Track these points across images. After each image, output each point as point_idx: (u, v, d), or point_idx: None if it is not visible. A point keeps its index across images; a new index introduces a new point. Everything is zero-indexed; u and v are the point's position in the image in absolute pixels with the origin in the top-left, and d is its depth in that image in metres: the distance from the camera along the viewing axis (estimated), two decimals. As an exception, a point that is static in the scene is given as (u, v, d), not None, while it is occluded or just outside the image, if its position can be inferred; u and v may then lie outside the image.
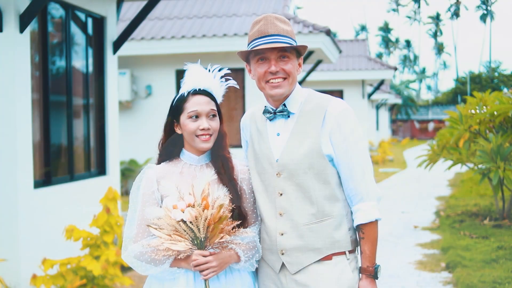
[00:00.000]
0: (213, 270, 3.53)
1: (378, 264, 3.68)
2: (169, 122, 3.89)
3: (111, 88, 10.69)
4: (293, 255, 3.66)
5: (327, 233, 3.64)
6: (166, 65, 19.39)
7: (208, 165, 3.80)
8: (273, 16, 3.71)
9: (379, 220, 3.66)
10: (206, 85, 3.80)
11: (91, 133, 10.28)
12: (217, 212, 3.42)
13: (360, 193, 3.64)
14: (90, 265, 6.96)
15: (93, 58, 10.36)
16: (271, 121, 3.79)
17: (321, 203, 3.63)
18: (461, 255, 10.03)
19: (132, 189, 3.82)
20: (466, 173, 25.19)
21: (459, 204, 16.21)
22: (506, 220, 12.97)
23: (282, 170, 3.67)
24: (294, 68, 3.70)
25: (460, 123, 13.25)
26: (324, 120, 3.65)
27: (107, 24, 10.53)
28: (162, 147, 3.91)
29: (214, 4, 20.32)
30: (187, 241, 3.47)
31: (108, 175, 10.57)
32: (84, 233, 7.21)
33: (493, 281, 8.56)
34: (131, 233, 3.75)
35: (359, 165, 3.64)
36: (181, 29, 18.96)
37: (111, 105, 10.67)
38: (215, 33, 18.46)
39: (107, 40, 10.54)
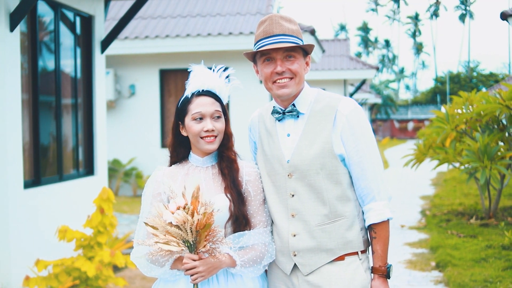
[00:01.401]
0: (201, 275, 3.49)
1: (390, 264, 3.66)
2: (175, 124, 3.83)
3: (99, 88, 10.62)
4: (306, 256, 3.63)
5: (339, 233, 3.62)
6: (150, 65, 19.33)
7: (214, 167, 3.77)
8: (279, 15, 3.67)
9: (390, 219, 3.65)
10: (210, 86, 3.76)
11: (79, 133, 10.21)
12: (202, 219, 3.37)
13: (372, 193, 3.62)
14: (84, 266, 6.90)
15: (81, 57, 10.28)
16: (280, 122, 3.76)
17: (333, 204, 3.61)
18: (451, 254, 10.05)
19: (144, 191, 3.81)
20: (448, 172, 25.33)
21: (444, 203, 16.27)
22: (492, 219, 13.03)
23: (293, 171, 3.65)
24: (301, 67, 3.68)
25: (447, 123, 13.28)
26: (335, 120, 3.63)
27: (95, 23, 10.46)
28: (171, 149, 3.87)
29: (198, 3, 20.27)
30: (180, 241, 3.43)
31: (97, 175, 10.51)
32: (77, 234, 7.15)
33: (484, 280, 8.58)
34: (140, 234, 3.72)
35: (370, 164, 3.62)
36: (165, 28, 18.90)
37: (99, 104, 10.60)
38: (199, 33, 18.44)
39: (95, 39, 10.47)
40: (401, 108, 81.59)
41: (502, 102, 12.26)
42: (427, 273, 9.45)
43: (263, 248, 3.67)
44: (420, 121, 71.07)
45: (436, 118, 13.69)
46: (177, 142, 3.83)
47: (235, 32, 18.25)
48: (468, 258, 9.83)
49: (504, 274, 8.80)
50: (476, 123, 13.27)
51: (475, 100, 13.32)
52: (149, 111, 19.39)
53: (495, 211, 13.33)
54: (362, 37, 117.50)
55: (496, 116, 12.84)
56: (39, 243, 8.39)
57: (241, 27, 18.51)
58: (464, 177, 21.35)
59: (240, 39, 18.21)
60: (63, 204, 9.21)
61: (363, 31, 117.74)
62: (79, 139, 10.22)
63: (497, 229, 12.00)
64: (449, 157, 13.43)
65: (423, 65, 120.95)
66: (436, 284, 8.83)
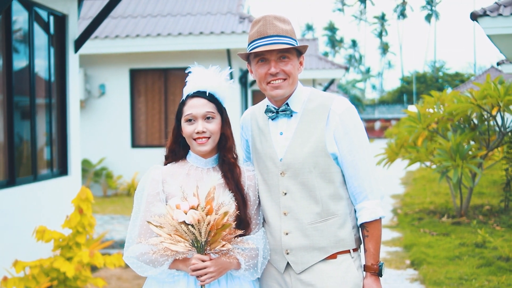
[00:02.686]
0: (211, 276, 3.48)
1: (382, 262, 3.69)
2: (176, 125, 3.82)
3: (73, 87, 10.54)
4: (298, 254, 3.64)
5: (331, 232, 3.63)
6: (120, 64, 19.26)
7: (215, 169, 3.75)
8: (272, 15, 3.67)
9: (382, 218, 3.68)
10: (206, 87, 3.73)
11: (53, 133, 10.12)
12: (221, 218, 3.37)
13: (364, 191, 3.65)
14: (63, 267, 6.84)
15: (54, 57, 10.19)
16: (273, 120, 3.77)
17: (326, 202, 3.63)
18: (425, 252, 10.13)
19: (137, 189, 3.77)
20: (417, 171, 25.53)
21: (415, 202, 16.38)
22: (464, 217, 13.15)
23: (286, 169, 3.66)
24: (295, 68, 3.69)
25: (419, 122, 13.38)
26: (328, 119, 3.65)
27: (68, 23, 10.38)
28: (170, 149, 3.85)
29: (168, 3, 20.24)
30: (187, 242, 3.41)
31: (70, 175, 10.42)
32: (56, 234, 7.09)
33: (460, 278, 8.67)
34: (133, 234, 3.70)
35: (363, 163, 3.65)
36: (136, 28, 18.84)
37: (72, 104, 10.51)
38: (170, 32, 18.41)
39: (69, 39, 10.39)
40: (368, 108, 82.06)
41: (474, 101, 12.38)
42: (402, 271, 9.52)
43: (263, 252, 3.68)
44: (387, 121, 71.53)
45: (408, 118, 13.79)
46: (176, 143, 3.82)
47: (206, 32, 18.24)
48: (442, 256, 9.91)
49: (479, 272, 8.89)
50: (447, 122, 13.39)
51: (446, 99, 13.44)
52: (119, 111, 19.31)
53: (466, 210, 13.46)
54: (329, 37, 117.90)
55: (467, 115, 12.96)
56: (16, 244, 8.31)
57: (212, 27, 18.50)
58: (433, 176, 21.53)
59: (211, 38, 18.20)
60: (38, 205, 9.13)
61: (329, 31, 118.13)
62: (53, 139, 10.14)
63: (469, 227, 12.12)
64: (421, 156, 13.54)
65: (389, 65, 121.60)
66: (412, 282, 8.89)
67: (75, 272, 6.93)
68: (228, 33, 18.11)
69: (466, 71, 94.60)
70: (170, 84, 19.32)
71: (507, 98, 11.95)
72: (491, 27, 15.22)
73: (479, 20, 15.14)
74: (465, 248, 10.31)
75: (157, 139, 19.41)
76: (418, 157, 13.62)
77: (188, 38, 18.30)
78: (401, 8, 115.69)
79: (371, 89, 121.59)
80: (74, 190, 10.25)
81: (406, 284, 8.80)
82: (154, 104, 19.45)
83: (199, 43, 18.34)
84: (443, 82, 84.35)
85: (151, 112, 19.45)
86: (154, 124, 19.45)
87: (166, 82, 19.32)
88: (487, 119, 13.12)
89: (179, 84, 19.30)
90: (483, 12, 15.13)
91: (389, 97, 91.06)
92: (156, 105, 19.43)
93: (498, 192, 16.96)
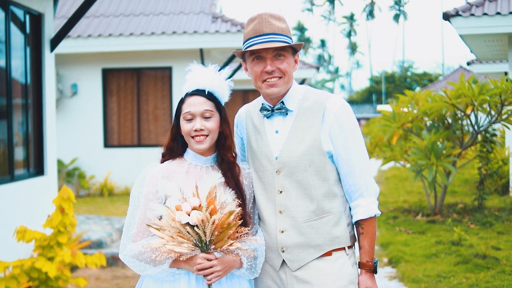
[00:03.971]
0: (218, 274, 3.49)
1: (377, 259, 3.72)
2: (174, 123, 3.81)
3: (49, 87, 10.45)
4: (294, 252, 3.66)
5: (327, 229, 3.65)
6: (93, 64, 19.16)
7: (214, 167, 3.75)
8: (268, 13, 3.68)
9: (377, 215, 3.70)
10: (205, 85, 3.73)
11: (29, 133, 10.04)
12: (225, 217, 3.37)
13: (359, 189, 3.67)
14: (45, 267, 6.79)
15: (30, 56, 10.11)
16: (269, 119, 3.77)
17: (321, 200, 3.64)
18: (402, 251, 10.19)
19: (133, 187, 3.76)
20: (389, 170, 25.66)
21: (389, 201, 16.46)
22: (438, 215, 13.24)
23: (281, 168, 3.67)
24: (290, 66, 3.69)
25: (393, 121, 13.46)
26: (324, 117, 3.67)
27: (44, 21, 10.29)
28: (166, 147, 3.83)
29: (141, 2, 20.17)
30: (190, 243, 3.40)
31: (47, 175, 10.34)
32: (37, 234, 7.03)
33: (438, 275, 8.73)
34: (131, 232, 3.68)
35: (358, 161, 3.67)
36: (108, 27, 18.75)
37: (48, 104, 10.43)
38: (143, 31, 18.35)
39: (45, 38, 10.31)
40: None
41: (448, 100, 12.48)
42: (380, 269, 9.56)
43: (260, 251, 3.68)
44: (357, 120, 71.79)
45: (383, 117, 13.86)
46: (175, 141, 3.80)
47: (179, 31, 18.21)
48: (419, 254, 9.98)
49: (456, 269, 8.96)
50: (422, 121, 13.48)
51: (420, 98, 13.53)
52: (92, 111, 19.21)
53: (440, 208, 13.56)
54: (299, 37, 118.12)
55: (442, 114, 13.06)
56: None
57: (185, 26, 18.47)
58: (405, 174, 21.69)
59: (184, 38, 18.18)
60: (16, 205, 9.05)
61: (299, 31, 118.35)
62: (29, 139, 10.05)
63: (444, 225, 12.21)
64: (396, 155, 13.62)
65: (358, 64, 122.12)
66: (391, 280, 8.94)
67: (57, 272, 6.88)
68: (201, 32, 18.11)
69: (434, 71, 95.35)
70: (143, 84, 19.26)
71: (481, 97, 12.06)
72: (463, 27, 15.38)
73: (452, 20, 15.29)
74: (441, 246, 10.38)
75: (129, 139, 19.34)
76: (393, 156, 13.70)
77: (161, 37, 18.26)
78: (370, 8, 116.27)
79: (340, 89, 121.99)
80: (50, 190, 10.20)
81: (385, 282, 8.85)
82: (127, 104, 19.38)
83: (172, 42, 18.31)
84: (411, 81, 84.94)
85: (124, 112, 19.37)
86: (127, 124, 19.38)
87: (139, 81, 19.26)
88: (460, 118, 13.23)
89: (152, 83, 19.26)
90: (456, 12, 15.29)
91: (358, 97, 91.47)
92: (129, 105, 19.36)
93: (470, 191, 17.12)
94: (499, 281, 8.27)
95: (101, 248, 10.17)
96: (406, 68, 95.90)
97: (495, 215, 12.87)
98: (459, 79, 12.80)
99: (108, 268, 9.76)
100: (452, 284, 8.32)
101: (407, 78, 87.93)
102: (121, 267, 9.81)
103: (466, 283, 8.28)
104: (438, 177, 12.83)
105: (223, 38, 18.18)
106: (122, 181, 18.94)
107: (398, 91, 76.26)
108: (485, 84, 12.27)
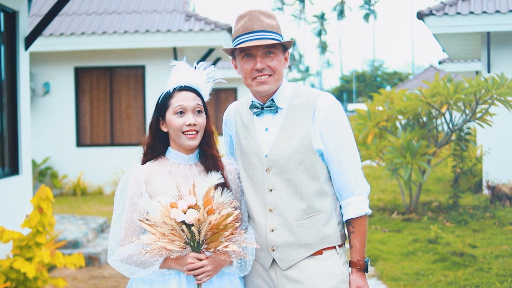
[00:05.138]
0: (208, 274, 3.44)
1: (368, 258, 3.70)
2: (155, 120, 3.72)
3: (24, 85, 10.33)
4: (284, 251, 3.62)
5: (317, 228, 3.62)
6: (65, 62, 19.02)
7: (197, 164, 3.70)
8: (258, 10, 3.65)
9: (368, 214, 3.68)
10: (192, 82, 3.69)
11: (4, 132, 9.91)
12: (223, 219, 3.32)
13: (350, 188, 3.64)
14: (24, 267, 6.70)
15: (4, 54, 9.98)
16: (258, 116, 3.73)
17: (311, 199, 3.61)
18: (379, 249, 10.22)
19: (117, 191, 3.68)
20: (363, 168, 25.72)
21: (363, 199, 16.47)
22: (413, 213, 13.29)
23: (271, 166, 3.63)
24: (280, 64, 3.66)
25: (368, 120, 13.49)
26: (314, 115, 3.63)
27: (19, 19, 10.17)
28: (147, 146, 3.75)
29: (114, 0, 20.01)
30: (182, 241, 3.36)
31: (21, 175, 10.22)
32: (15, 234, 6.93)
33: (416, 273, 8.76)
34: (118, 236, 3.62)
35: (349, 159, 3.64)
36: (81, 25, 18.61)
37: (23, 102, 10.31)
38: (116, 30, 18.22)
39: (19, 36, 10.18)
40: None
41: (424, 99, 12.53)
42: (358, 267, 9.55)
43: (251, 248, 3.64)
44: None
45: (358, 115, 13.89)
46: (156, 139, 3.72)
47: (152, 30, 18.12)
48: (396, 252, 10.01)
49: (434, 267, 9.00)
50: (397, 120, 13.53)
51: (395, 97, 13.58)
52: (64, 110, 19.05)
53: (415, 206, 13.62)
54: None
55: (417, 113, 13.12)
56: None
57: (158, 25, 18.38)
58: (378, 173, 21.76)
59: (157, 36, 18.09)
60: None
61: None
62: (4, 138, 9.93)
63: (420, 223, 12.25)
64: (371, 153, 13.65)
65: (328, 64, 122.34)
66: (369, 278, 8.94)
67: (36, 273, 6.79)
68: (174, 31, 18.04)
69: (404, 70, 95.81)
70: (115, 83, 19.14)
71: (456, 96, 12.13)
72: (436, 26, 15.52)
73: (425, 19, 15.40)
74: (418, 244, 10.42)
75: (102, 138, 19.21)
76: (368, 154, 13.73)
77: (134, 36, 18.16)
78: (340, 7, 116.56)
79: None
80: (25, 190, 10.08)
81: (363, 281, 8.85)
82: (100, 103, 19.24)
83: (145, 41, 18.20)
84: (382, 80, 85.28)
85: (97, 111, 19.24)
86: (100, 123, 19.24)
87: (112, 80, 19.13)
88: (435, 116, 13.30)
89: (125, 82, 19.14)
90: (430, 11, 15.40)
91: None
92: (102, 104, 19.23)
93: (444, 189, 17.21)
94: (478, 278, 8.31)
95: (77, 248, 10.07)
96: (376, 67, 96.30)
97: (470, 213, 12.95)
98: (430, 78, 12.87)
99: (85, 268, 9.67)
100: (431, 282, 8.35)
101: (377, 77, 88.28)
102: (98, 267, 9.73)
103: (445, 281, 8.31)
104: (414, 175, 12.88)
105: (196, 36, 18.13)
106: (95, 180, 18.81)
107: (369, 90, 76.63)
108: (459, 83, 12.35)
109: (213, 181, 3.42)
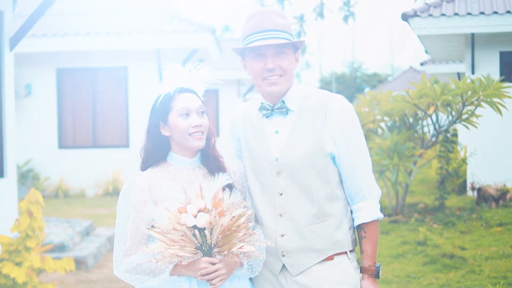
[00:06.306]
0: (222, 278, 3.35)
1: (379, 264, 3.62)
2: (154, 124, 3.60)
3: (8, 87, 10.20)
4: (295, 256, 3.54)
5: (328, 233, 3.54)
6: (47, 63, 18.88)
7: (200, 168, 3.61)
8: (269, 9, 3.56)
9: (380, 218, 3.60)
10: (190, 84, 3.61)
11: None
12: (235, 220, 3.24)
13: (362, 192, 3.57)
14: (13, 272, 6.57)
15: (-11, 55, 9.86)
16: (268, 118, 3.64)
17: (323, 203, 3.53)
18: (368, 251, 10.15)
19: (119, 200, 3.57)
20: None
21: (348, 201, 16.43)
22: (400, 215, 13.25)
23: (282, 169, 3.54)
24: (291, 64, 3.57)
25: (354, 121, 13.43)
26: (326, 118, 3.55)
27: (4, 20, 10.04)
28: (146, 152, 3.64)
29: (97, 1, 19.87)
30: (193, 246, 3.27)
31: (6, 177, 10.09)
32: (5, 239, 6.79)
33: (407, 276, 8.71)
34: (124, 246, 3.52)
35: (361, 163, 3.57)
36: (64, 26, 18.46)
37: (8, 104, 10.18)
38: (99, 31, 18.08)
39: (4, 36, 10.06)
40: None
41: (410, 100, 12.50)
42: (348, 270, 9.51)
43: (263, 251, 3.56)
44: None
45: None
46: (156, 144, 3.61)
47: (136, 31, 18.00)
48: (386, 255, 9.95)
49: (425, 269, 8.96)
50: (383, 121, 13.49)
51: (381, 99, 13.55)
52: (46, 111, 18.90)
53: (402, 208, 13.59)
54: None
55: (404, 114, 13.10)
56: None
57: (141, 26, 18.27)
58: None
59: (140, 37, 17.98)
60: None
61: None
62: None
63: (407, 225, 12.22)
64: (357, 155, 13.58)
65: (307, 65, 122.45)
66: (360, 281, 8.89)
67: (26, 278, 6.66)
68: (158, 32, 17.93)
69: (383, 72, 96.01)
70: (98, 84, 19.00)
71: (443, 97, 12.11)
72: (421, 27, 15.53)
73: (410, 21, 15.40)
74: (407, 246, 10.38)
75: (84, 139, 19.08)
76: (354, 156, 13.67)
77: (117, 37, 18.03)
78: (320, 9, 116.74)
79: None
80: (10, 192, 9.95)
81: (354, 283, 8.80)
82: (82, 104, 19.10)
83: (128, 42, 18.08)
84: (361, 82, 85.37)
85: (79, 113, 19.10)
86: (82, 125, 19.10)
87: (94, 81, 18.99)
88: (421, 118, 13.28)
89: (108, 83, 19.00)
90: (414, 12, 15.41)
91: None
92: (84, 105, 19.08)
93: (428, 191, 17.21)
94: (470, 281, 8.28)
95: (64, 252, 9.93)
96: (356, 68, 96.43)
97: (457, 214, 12.93)
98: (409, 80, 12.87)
99: (72, 272, 9.53)
100: (423, 284, 8.31)
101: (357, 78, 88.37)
102: (85, 271, 9.61)
103: (437, 283, 8.27)
104: (400, 176, 12.84)
105: (180, 37, 18.05)
106: (77, 182, 18.66)
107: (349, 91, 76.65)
108: (446, 84, 12.33)
109: (221, 182, 3.34)
